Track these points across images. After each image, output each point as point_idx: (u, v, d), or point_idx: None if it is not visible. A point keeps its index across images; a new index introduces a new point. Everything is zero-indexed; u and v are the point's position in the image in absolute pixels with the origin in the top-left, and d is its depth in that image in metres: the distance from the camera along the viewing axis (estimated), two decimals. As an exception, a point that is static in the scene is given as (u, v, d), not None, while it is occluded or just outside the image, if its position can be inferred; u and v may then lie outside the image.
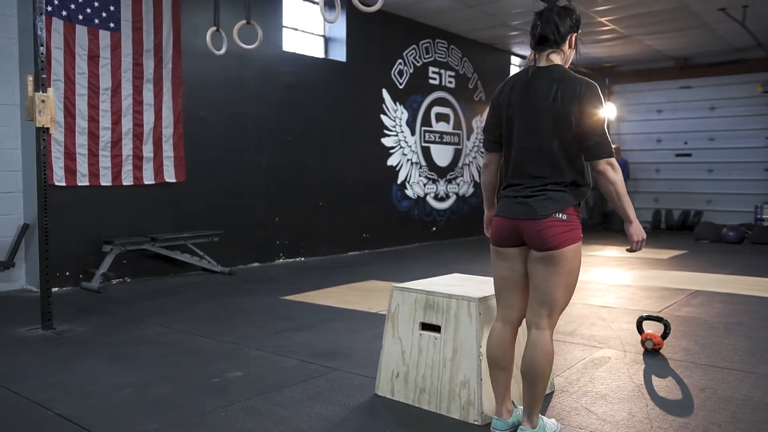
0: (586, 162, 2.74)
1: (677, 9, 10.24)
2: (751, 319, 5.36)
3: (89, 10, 6.93)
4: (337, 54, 9.98)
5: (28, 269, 6.90)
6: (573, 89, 2.69)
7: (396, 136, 10.85)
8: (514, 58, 14.09)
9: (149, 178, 7.50)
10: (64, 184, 6.78)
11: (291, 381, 3.77)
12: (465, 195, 12.56)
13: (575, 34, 2.85)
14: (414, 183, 11.27)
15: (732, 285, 7.05)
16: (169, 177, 7.67)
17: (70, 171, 6.83)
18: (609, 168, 2.67)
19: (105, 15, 7.06)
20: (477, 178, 12.84)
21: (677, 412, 3.28)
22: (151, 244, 7.23)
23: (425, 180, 11.55)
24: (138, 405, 3.38)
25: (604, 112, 2.71)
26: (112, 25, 7.12)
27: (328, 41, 10.09)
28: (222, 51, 6.66)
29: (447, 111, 12.03)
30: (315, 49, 9.93)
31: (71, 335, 4.92)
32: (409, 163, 11.16)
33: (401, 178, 11.00)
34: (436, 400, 3.26)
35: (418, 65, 11.25)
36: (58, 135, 6.73)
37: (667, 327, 4.37)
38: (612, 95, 14.88)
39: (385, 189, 10.75)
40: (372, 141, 10.44)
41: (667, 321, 4.39)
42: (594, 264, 8.80)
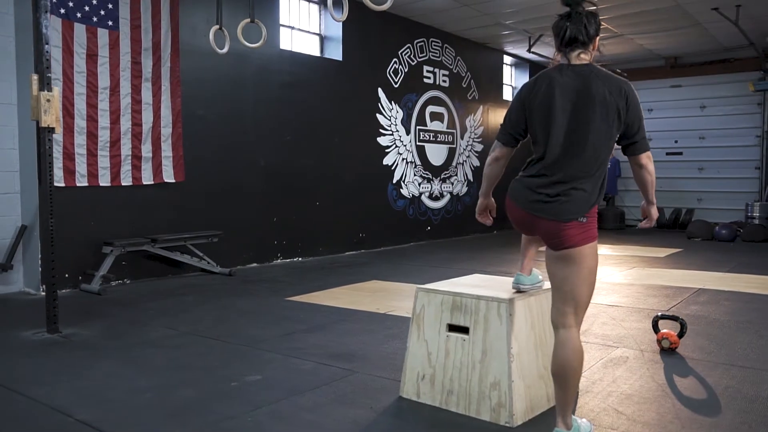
0: (627, 156, 2.85)
1: (671, 9, 10.31)
2: (761, 317, 5.39)
3: (87, 7, 6.82)
4: (333, 53, 9.93)
5: (25, 271, 6.78)
6: (618, 87, 2.73)
7: (391, 135, 10.81)
8: (506, 57, 14.10)
9: (148, 178, 7.40)
10: (62, 184, 6.66)
11: (312, 384, 3.72)
12: (459, 194, 12.55)
13: (599, 36, 2.90)
14: (409, 182, 11.24)
15: (734, 283, 7.09)
16: (168, 177, 7.57)
17: (69, 171, 6.71)
18: (650, 161, 2.87)
19: (103, 13, 6.95)
20: (471, 177, 12.84)
21: (705, 412, 3.28)
22: (151, 245, 7.14)
23: (420, 179, 11.52)
24: (160, 410, 3.32)
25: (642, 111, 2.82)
26: (110, 23, 7.01)
27: (324, 40, 10.03)
28: (225, 50, 6.58)
29: (441, 110, 12.02)
30: (312, 48, 9.87)
31: (78, 339, 4.83)
32: (405, 162, 11.13)
33: (397, 177, 10.97)
34: (464, 402, 3.22)
35: (412, 64, 11.22)
36: (56, 135, 6.59)
37: (684, 326, 4.37)
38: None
39: (381, 188, 10.71)
40: (368, 140, 10.40)
41: (684, 320, 4.40)
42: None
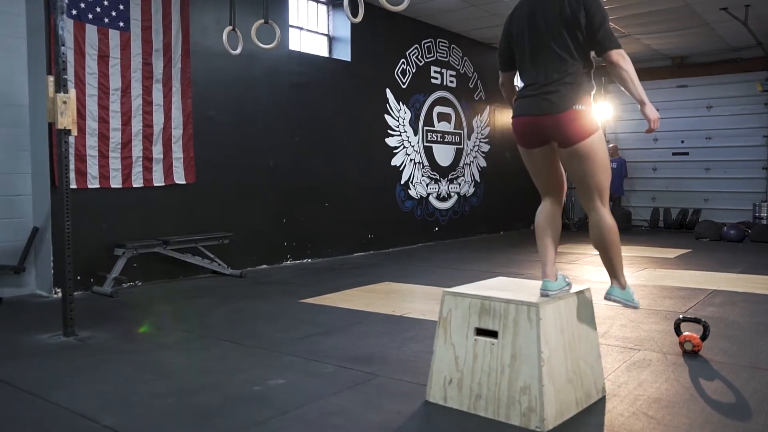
0: (598, 57, 3.21)
1: (679, 9, 10.28)
2: (778, 319, 5.37)
3: (99, 9, 6.79)
4: (342, 53, 9.90)
5: (38, 274, 6.75)
6: None
7: (399, 135, 10.79)
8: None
9: (159, 179, 7.38)
10: (74, 186, 6.62)
11: (335, 388, 3.69)
12: (466, 195, 12.52)
13: None
14: (417, 183, 11.22)
15: (749, 284, 7.06)
16: (179, 179, 7.54)
17: (80, 173, 6.69)
18: (621, 58, 3.11)
19: (114, 14, 6.92)
20: (478, 177, 12.82)
21: (735, 415, 3.25)
22: (163, 246, 7.11)
23: (428, 180, 11.50)
24: (186, 415, 3.29)
25: (606, 14, 3.18)
26: (121, 25, 6.98)
27: (332, 41, 10.00)
28: (238, 51, 6.55)
29: (449, 110, 11.99)
30: (320, 49, 9.84)
31: (95, 342, 4.80)
32: (413, 163, 11.11)
33: (405, 178, 10.94)
34: (493, 406, 3.20)
35: (420, 65, 11.19)
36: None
37: (707, 329, 4.34)
38: (608, 94, 14.91)
39: (389, 189, 10.69)
40: (376, 141, 10.37)
41: (707, 323, 4.37)
42: (602, 263, 8.77)
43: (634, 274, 7.89)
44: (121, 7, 6.98)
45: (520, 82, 3.47)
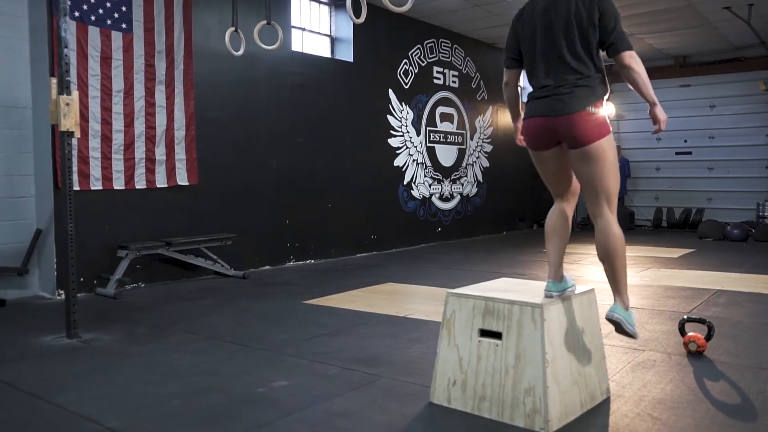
0: (610, 58, 3.15)
1: (682, 8, 10.27)
2: (783, 319, 5.36)
3: (101, 10, 6.80)
4: (344, 54, 9.90)
5: (41, 275, 6.75)
6: None
7: (402, 136, 10.79)
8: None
9: (162, 181, 7.38)
10: (77, 188, 6.62)
11: (339, 389, 3.69)
12: (469, 195, 12.52)
13: None
14: (420, 183, 11.21)
15: (753, 284, 7.05)
16: (182, 180, 7.55)
17: (83, 175, 6.69)
18: (633, 60, 3.08)
19: (117, 16, 6.93)
20: (481, 178, 12.81)
21: (741, 416, 3.24)
22: (166, 248, 7.11)
23: (430, 180, 11.49)
24: (192, 417, 3.29)
25: (619, 14, 3.13)
26: (124, 26, 6.99)
27: (334, 41, 10.00)
28: (240, 52, 6.56)
29: (451, 111, 11.98)
30: (323, 50, 9.84)
31: (99, 344, 4.80)
32: (415, 164, 11.10)
33: (407, 178, 10.94)
34: (497, 408, 3.19)
35: (422, 65, 11.19)
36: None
37: (711, 329, 4.34)
38: (611, 94, 14.87)
39: (392, 190, 10.68)
40: (379, 141, 10.37)
41: (711, 323, 4.37)
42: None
43: (637, 274, 7.88)
44: (124, 9, 6.99)
45: (526, 83, 3.50)
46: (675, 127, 14.36)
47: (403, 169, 10.84)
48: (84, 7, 6.66)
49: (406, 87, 10.82)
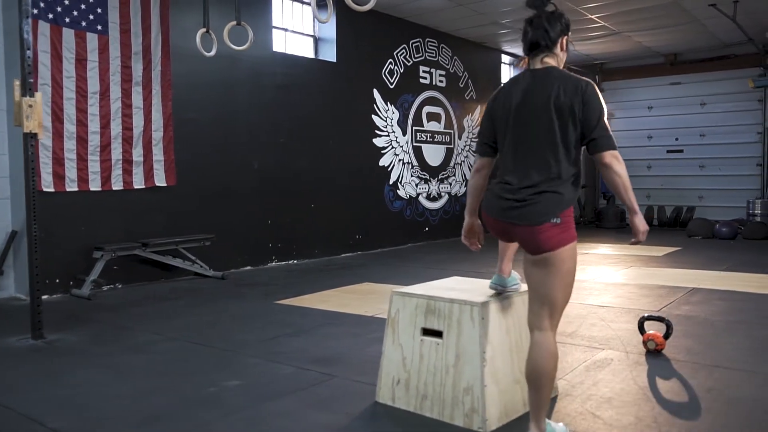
0: (591, 156, 2.74)
1: (668, 5, 10.22)
2: (752, 317, 5.33)
3: (76, 12, 6.81)
4: (327, 54, 9.90)
5: (16, 277, 6.77)
6: (575, 86, 2.72)
7: (387, 136, 10.78)
8: (504, 56, 14.05)
9: (139, 182, 7.39)
10: (52, 189, 6.66)
11: (289, 389, 3.69)
12: (457, 194, 12.50)
13: (566, 36, 2.89)
14: (406, 183, 11.20)
15: (730, 282, 7.02)
16: (160, 181, 7.55)
17: (58, 176, 6.71)
18: (615, 160, 2.68)
19: (92, 17, 6.94)
20: (469, 177, 12.77)
21: (685, 415, 3.23)
22: (142, 249, 7.12)
23: (417, 180, 11.48)
24: (134, 417, 3.29)
25: (604, 108, 2.74)
26: (99, 28, 7.00)
27: (318, 41, 10.00)
28: (212, 53, 6.56)
29: (438, 110, 11.97)
30: (306, 50, 9.84)
31: (62, 345, 4.81)
32: (401, 163, 11.09)
33: (393, 178, 10.93)
34: (438, 407, 3.18)
35: (408, 65, 11.18)
36: (46, 140, 6.60)
37: (669, 327, 4.32)
38: (602, 92, 14.83)
39: (378, 189, 10.68)
40: (363, 141, 10.36)
41: (669, 321, 4.35)
42: (589, 262, 8.76)
43: (617, 272, 7.85)
44: (99, 11, 7.00)
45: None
46: (666, 126, 14.36)
47: (389, 169, 10.84)
48: (58, 9, 6.68)
49: (391, 87, 10.81)
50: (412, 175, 11.33)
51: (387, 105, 10.73)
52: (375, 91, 10.51)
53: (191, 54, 7.75)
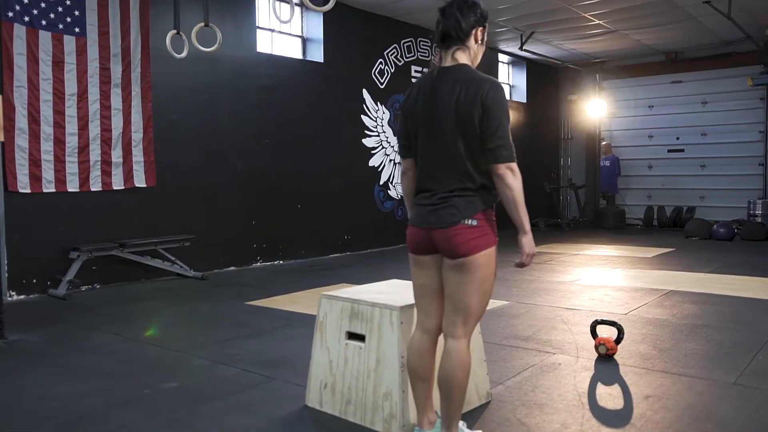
0: (487, 165, 2.62)
1: (661, 2, 10.08)
2: (719, 321, 5.22)
3: (53, 15, 6.86)
4: (315, 55, 9.88)
5: (-6, 277, 6.84)
6: (476, 90, 2.59)
7: (377, 136, 10.74)
8: (502, 55, 13.95)
9: (118, 183, 7.43)
10: (28, 191, 6.71)
11: (225, 392, 3.67)
12: (453, 195, 12.40)
13: (481, 28, 2.76)
14: (397, 183, 11.16)
15: (709, 284, 6.89)
16: (139, 182, 7.59)
17: (35, 178, 6.76)
18: (508, 172, 2.57)
19: (69, 20, 6.98)
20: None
21: (613, 422, 3.16)
22: (120, 249, 7.16)
23: (410, 180, 11.40)
24: (60, 419, 3.29)
25: (507, 114, 2.61)
26: (77, 30, 7.04)
27: (305, 42, 9.99)
28: (183, 54, 6.57)
29: (432, 110, 11.89)
30: (293, 50, 9.83)
31: (21, 345, 4.84)
32: (392, 164, 11.05)
33: (384, 178, 10.89)
34: (361, 411, 3.15)
35: (399, 64, 11.13)
36: (22, 142, 6.66)
37: (621, 331, 4.24)
38: (602, 91, 14.69)
39: (368, 190, 10.64)
40: (352, 142, 10.33)
41: (621, 325, 4.27)
42: (577, 264, 8.66)
43: (601, 274, 7.75)
44: (77, 13, 7.04)
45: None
46: (667, 125, 14.16)
47: (379, 170, 10.80)
48: (34, 12, 6.73)
49: (381, 87, 10.77)
50: (403, 176, 11.27)
51: (377, 105, 10.69)
52: (364, 92, 10.47)
53: (172, 56, 7.77)
